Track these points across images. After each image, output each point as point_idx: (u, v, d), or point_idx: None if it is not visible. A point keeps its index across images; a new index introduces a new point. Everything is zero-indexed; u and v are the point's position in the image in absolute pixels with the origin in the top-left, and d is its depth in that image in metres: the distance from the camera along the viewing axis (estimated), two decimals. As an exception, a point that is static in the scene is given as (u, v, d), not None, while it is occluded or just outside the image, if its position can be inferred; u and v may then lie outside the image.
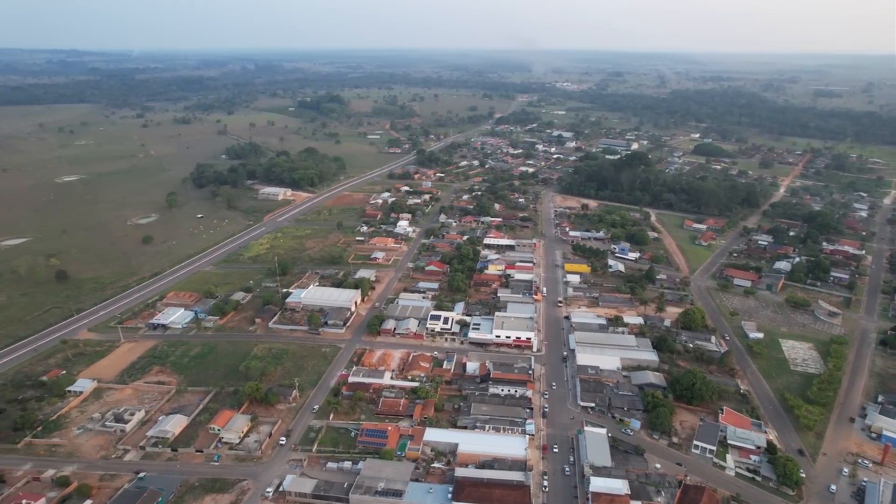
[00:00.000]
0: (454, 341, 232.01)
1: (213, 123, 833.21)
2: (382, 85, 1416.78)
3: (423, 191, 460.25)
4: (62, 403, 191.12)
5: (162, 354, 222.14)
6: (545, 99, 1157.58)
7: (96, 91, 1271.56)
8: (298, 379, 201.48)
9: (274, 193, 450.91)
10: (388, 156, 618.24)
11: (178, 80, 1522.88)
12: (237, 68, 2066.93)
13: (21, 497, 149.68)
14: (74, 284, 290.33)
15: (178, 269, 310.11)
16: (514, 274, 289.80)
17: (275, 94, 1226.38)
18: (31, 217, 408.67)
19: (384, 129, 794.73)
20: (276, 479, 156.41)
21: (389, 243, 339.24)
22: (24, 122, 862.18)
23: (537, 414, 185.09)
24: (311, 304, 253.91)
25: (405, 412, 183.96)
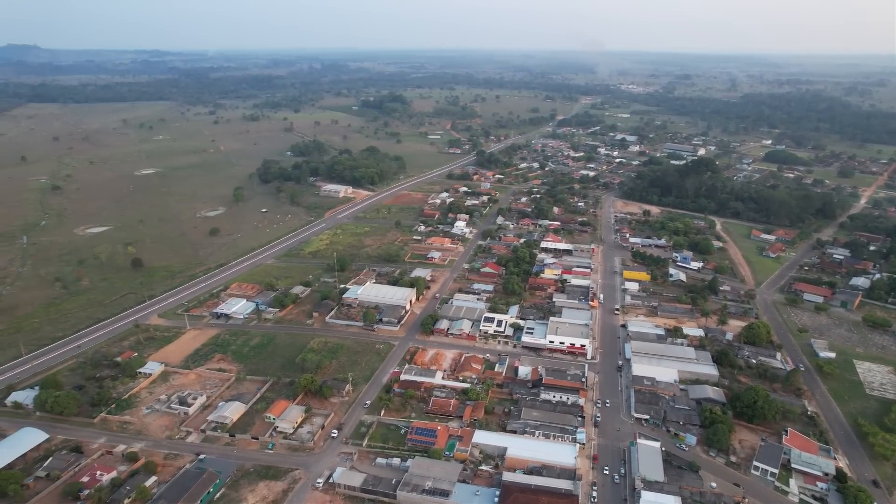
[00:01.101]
0: (507, 344, 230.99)
1: (280, 121, 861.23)
2: (445, 85, 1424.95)
3: (481, 192, 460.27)
4: (133, 384, 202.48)
5: (224, 343, 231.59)
6: (609, 101, 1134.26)
7: (174, 89, 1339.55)
8: (352, 374, 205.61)
9: (335, 191, 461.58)
10: (448, 156, 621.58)
11: (248, 79, 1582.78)
12: (305, 68, 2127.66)
13: (96, 468, 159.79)
14: (147, 272, 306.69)
15: (241, 262, 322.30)
16: (571, 279, 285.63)
17: (339, 93, 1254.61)
18: (113, 207, 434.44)
19: (445, 129, 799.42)
20: (326, 471, 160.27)
21: (446, 243, 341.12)
22: (111, 118, 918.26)
23: (589, 423, 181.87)
24: (367, 300, 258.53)
25: (455, 413, 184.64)
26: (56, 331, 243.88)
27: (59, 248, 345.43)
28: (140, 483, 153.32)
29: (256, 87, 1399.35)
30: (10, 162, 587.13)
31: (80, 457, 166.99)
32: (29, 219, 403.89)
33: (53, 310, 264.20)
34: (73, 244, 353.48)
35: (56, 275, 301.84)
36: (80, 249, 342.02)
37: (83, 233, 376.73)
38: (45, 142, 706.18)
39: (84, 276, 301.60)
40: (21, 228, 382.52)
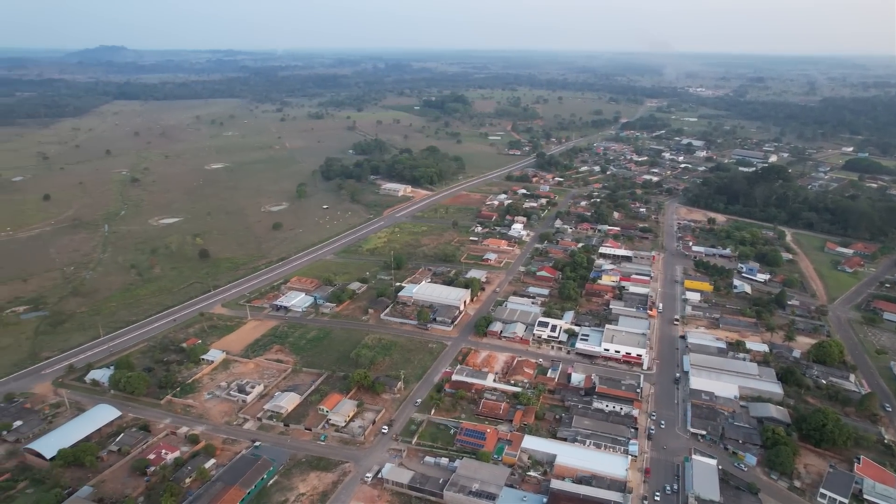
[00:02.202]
0: (560, 350, 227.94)
1: (344, 119, 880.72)
2: (507, 86, 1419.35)
3: (540, 194, 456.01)
4: (197, 369, 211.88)
5: (282, 335, 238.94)
6: (676, 105, 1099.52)
7: (244, 87, 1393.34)
8: (404, 371, 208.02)
9: (395, 189, 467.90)
10: (508, 157, 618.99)
11: (314, 78, 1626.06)
12: (369, 67, 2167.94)
13: (161, 447, 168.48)
14: (213, 263, 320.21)
15: (302, 256, 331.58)
16: (629, 286, 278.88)
17: (402, 92, 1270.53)
18: (184, 199, 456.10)
19: (506, 130, 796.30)
20: (375, 466, 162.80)
21: (502, 245, 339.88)
22: (185, 114, 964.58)
23: (642, 434, 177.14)
24: (421, 299, 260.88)
25: (505, 416, 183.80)
26: (130, 315, 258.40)
27: (135, 237, 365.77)
28: (200, 464, 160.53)
29: (322, 86, 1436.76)
30: (97, 155, 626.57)
31: (147, 435, 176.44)
32: (110, 209, 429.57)
33: (129, 295, 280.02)
34: (148, 234, 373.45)
35: (132, 262, 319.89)
36: (154, 239, 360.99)
37: (157, 223, 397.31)
38: (127, 136, 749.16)
39: (156, 264, 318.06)
40: (104, 217, 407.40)
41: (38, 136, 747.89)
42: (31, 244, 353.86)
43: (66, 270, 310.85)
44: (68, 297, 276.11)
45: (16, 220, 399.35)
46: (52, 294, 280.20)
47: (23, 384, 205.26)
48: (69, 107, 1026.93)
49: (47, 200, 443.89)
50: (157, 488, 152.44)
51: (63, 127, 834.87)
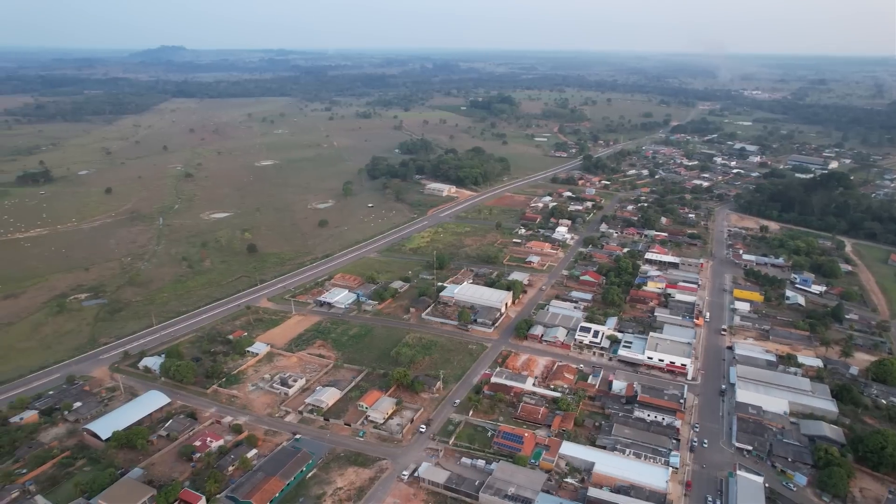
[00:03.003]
0: (602, 356, 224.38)
1: (391, 119, 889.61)
2: (554, 87, 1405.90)
3: (585, 197, 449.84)
4: (242, 361, 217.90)
5: (325, 330, 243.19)
6: (729, 108, 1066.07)
7: (295, 86, 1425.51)
8: (444, 371, 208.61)
9: (439, 189, 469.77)
10: (554, 159, 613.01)
11: (363, 77, 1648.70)
12: (417, 67, 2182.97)
13: (207, 435, 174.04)
14: (260, 257, 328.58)
15: (346, 253, 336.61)
16: (676, 294, 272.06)
17: (449, 92, 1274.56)
18: (234, 195, 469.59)
19: (552, 132, 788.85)
20: (412, 464, 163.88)
21: (546, 248, 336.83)
22: (238, 112, 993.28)
23: (684, 446, 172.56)
24: (463, 300, 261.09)
25: (544, 421, 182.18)
26: (181, 306, 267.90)
27: (187, 231, 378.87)
28: (243, 454, 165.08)
29: (370, 86, 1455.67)
30: (155, 151, 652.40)
31: (194, 422, 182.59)
32: (165, 202, 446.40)
33: (180, 286, 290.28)
34: (199, 227, 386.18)
35: (183, 255, 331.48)
36: (205, 233, 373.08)
37: (208, 217, 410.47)
38: (183, 133, 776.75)
39: (206, 257, 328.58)
40: (159, 211, 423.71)
41: (103, 133, 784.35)
42: (94, 235, 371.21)
43: (124, 261, 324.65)
44: (125, 287, 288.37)
45: (81, 211, 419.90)
46: (111, 283, 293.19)
47: (83, 367, 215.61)
48: (131, 104, 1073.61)
49: (109, 194, 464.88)
50: (201, 474, 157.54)
51: (125, 123, 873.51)
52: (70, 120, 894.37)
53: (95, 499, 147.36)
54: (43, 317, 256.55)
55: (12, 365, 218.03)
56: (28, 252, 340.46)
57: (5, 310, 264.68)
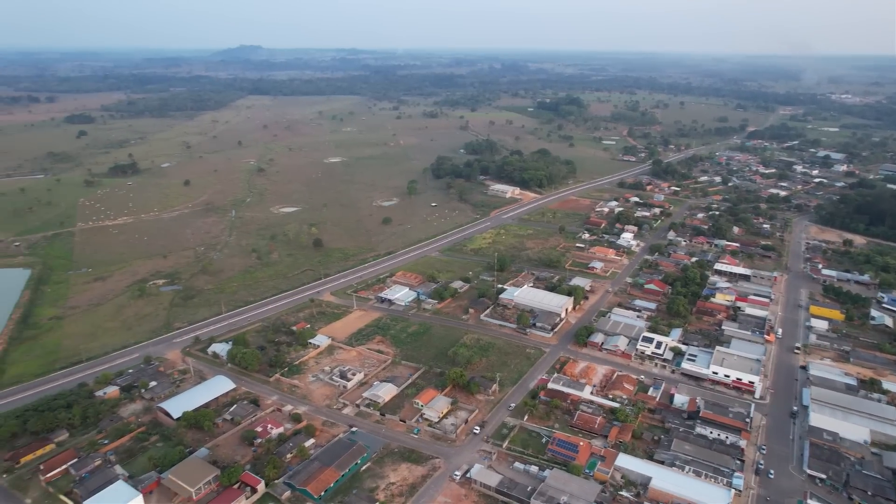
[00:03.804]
0: (664, 369, 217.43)
1: (457, 119, 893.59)
2: (625, 89, 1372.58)
3: (653, 203, 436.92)
4: (304, 352, 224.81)
5: (385, 326, 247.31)
6: (813, 113, 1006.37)
7: (364, 85, 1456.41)
8: (500, 374, 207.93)
9: (503, 191, 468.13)
10: (621, 163, 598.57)
11: (431, 77, 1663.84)
12: (485, 67, 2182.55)
13: (268, 421, 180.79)
14: (325, 252, 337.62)
15: (408, 251, 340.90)
16: (746, 307, 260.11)
17: (516, 93, 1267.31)
18: (303, 190, 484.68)
19: (621, 135, 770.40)
20: (464, 465, 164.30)
21: (610, 254, 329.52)
22: (309, 109, 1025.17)
23: (749, 468, 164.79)
24: (522, 303, 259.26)
25: (600, 431, 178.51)
26: (249, 295, 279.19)
27: (257, 223, 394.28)
28: (301, 443, 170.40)
29: (438, 85, 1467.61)
30: (230, 146, 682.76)
31: (256, 409, 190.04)
32: (238, 195, 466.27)
33: (248, 277, 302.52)
34: (268, 220, 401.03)
35: (253, 246, 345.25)
36: (274, 226, 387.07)
37: (277, 211, 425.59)
38: (257, 129, 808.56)
39: (274, 250, 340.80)
40: (232, 203, 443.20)
41: (184, 128, 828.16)
42: (172, 224, 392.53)
43: (198, 250, 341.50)
44: (198, 275, 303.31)
45: (162, 202, 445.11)
46: (186, 271, 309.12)
47: (158, 349, 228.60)
48: (210, 101, 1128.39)
49: (187, 186, 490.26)
50: (261, 459, 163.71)
51: (204, 119, 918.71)
52: (156, 115, 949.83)
53: (166, 473, 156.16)
54: (126, 300, 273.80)
55: (99, 342, 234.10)
56: (115, 238, 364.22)
57: (95, 291, 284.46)
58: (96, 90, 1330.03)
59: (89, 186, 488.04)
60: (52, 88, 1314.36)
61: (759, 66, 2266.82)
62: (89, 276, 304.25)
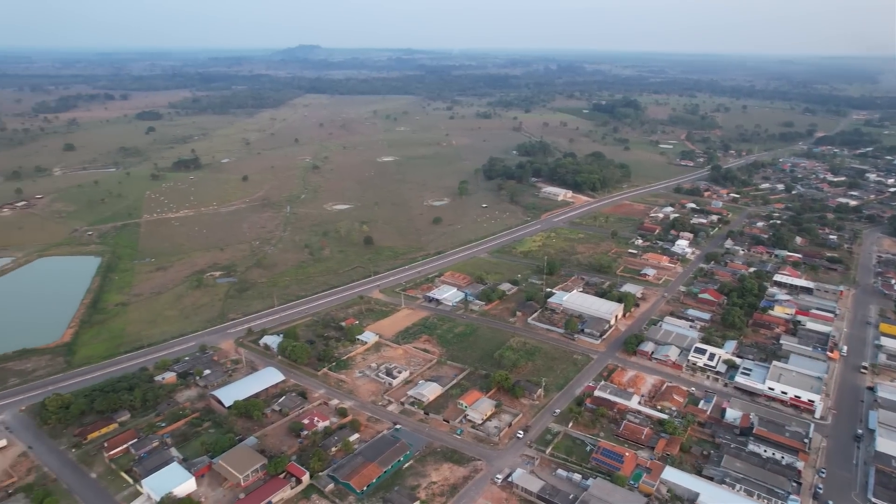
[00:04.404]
0: (716, 382, 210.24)
1: (510, 120, 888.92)
2: (685, 92, 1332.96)
3: (711, 210, 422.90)
4: (352, 348, 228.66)
5: (431, 326, 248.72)
6: (891, 117, 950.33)
7: (419, 85, 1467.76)
8: (546, 379, 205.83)
9: (555, 193, 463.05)
10: (678, 168, 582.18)
11: (485, 78, 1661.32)
12: (540, 68, 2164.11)
13: (314, 414, 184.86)
14: (376, 250, 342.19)
15: (457, 252, 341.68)
16: (807, 322, 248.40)
17: (572, 95, 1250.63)
18: (356, 188, 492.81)
19: (679, 139, 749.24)
20: (506, 469, 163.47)
21: (663, 261, 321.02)
22: (364, 109, 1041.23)
23: (806, 491, 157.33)
24: (571, 308, 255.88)
25: (647, 442, 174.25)
26: (300, 290, 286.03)
27: (310, 220, 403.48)
28: (346, 437, 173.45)
29: (492, 86, 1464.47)
30: (287, 143, 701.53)
31: (304, 401, 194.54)
32: (293, 192, 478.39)
33: (301, 272, 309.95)
34: (321, 217, 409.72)
35: (306, 242, 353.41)
36: (326, 223, 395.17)
37: (330, 208, 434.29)
38: (313, 127, 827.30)
39: (326, 246, 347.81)
40: (287, 199, 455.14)
41: (244, 125, 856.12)
42: (230, 218, 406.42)
43: (253, 244, 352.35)
44: (253, 268, 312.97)
45: (221, 196, 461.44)
46: (241, 264, 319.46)
47: (213, 339, 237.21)
48: (270, 99, 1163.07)
49: (245, 181, 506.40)
50: (307, 451, 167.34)
51: (263, 117, 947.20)
52: (218, 112, 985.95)
53: (217, 459, 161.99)
54: (184, 289, 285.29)
55: (159, 329, 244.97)
56: (177, 230, 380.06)
57: (157, 280, 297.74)
58: (165, 88, 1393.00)
59: (155, 180, 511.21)
60: (126, 87, 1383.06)
61: (831, 68, 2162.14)
62: (152, 265, 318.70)
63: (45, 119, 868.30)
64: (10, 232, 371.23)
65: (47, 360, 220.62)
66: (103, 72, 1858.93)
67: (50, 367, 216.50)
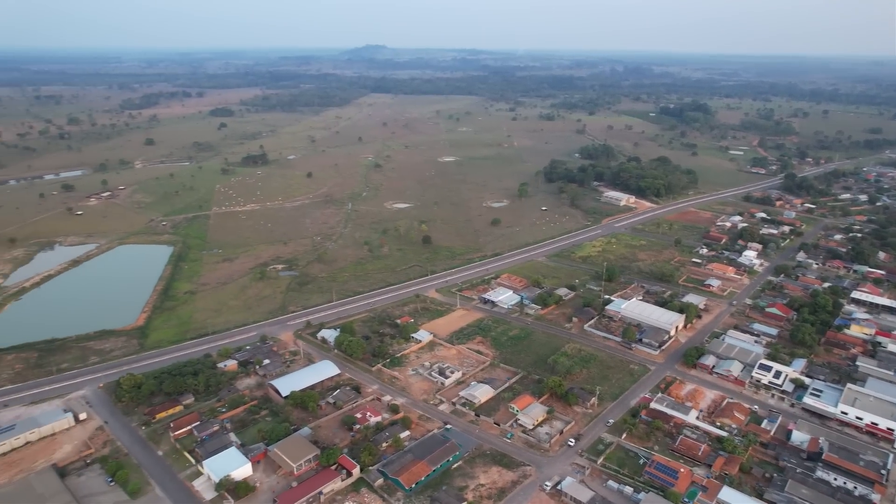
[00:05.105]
0: (782, 401, 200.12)
1: (574, 122, 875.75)
2: (759, 96, 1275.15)
3: (783, 221, 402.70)
4: (406, 346, 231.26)
5: (486, 328, 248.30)
6: None
7: (482, 85, 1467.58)
8: (600, 388, 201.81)
9: (617, 198, 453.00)
10: (749, 175, 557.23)
11: (549, 79, 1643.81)
12: (606, 70, 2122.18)
13: (367, 409, 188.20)
14: (433, 249, 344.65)
15: (515, 254, 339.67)
16: (889, 344, 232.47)
17: (638, 97, 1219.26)
18: (416, 187, 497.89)
19: (751, 145, 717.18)
20: (556, 476, 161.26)
21: (729, 272, 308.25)
22: (427, 108, 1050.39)
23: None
24: (629, 316, 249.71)
25: (704, 459, 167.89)
26: (358, 286, 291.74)
27: (370, 217, 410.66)
28: (396, 433, 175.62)
29: (556, 87, 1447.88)
30: (351, 141, 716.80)
31: (357, 396, 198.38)
32: (355, 189, 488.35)
33: (359, 268, 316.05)
34: (381, 215, 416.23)
35: (365, 239, 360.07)
36: (386, 221, 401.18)
37: (390, 207, 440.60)
38: (377, 126, 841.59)
39: (385, 244, 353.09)
40: (349, 197, 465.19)
41: (310, 122, 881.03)
42: (294, 213, 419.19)
43: (315, 239, 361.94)
44: (313, 263, 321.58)
45: (286, 192, 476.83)
46: (303, 258, 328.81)
47: (273, 330, 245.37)
48: (336, 98, 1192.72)
49: (309, 177, 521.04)
50: (359, 444, 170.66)
51: (329, 115, 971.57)
52: (286, 110, 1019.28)
53: (272, 446, 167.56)
54: (248, 281, 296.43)
55: (223, 319, 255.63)
56: (243, 223, 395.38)
57: (223, 271, 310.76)
58: (237, 86, 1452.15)
59: (225, 174, 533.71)
60: (202, 84, 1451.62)
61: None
62: (219, 256, 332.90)
63: (129, 115, 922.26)
64: (96, 220, 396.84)
65: (123, 342, 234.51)
66: (182, 70, 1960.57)
67: (125, 348, 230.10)
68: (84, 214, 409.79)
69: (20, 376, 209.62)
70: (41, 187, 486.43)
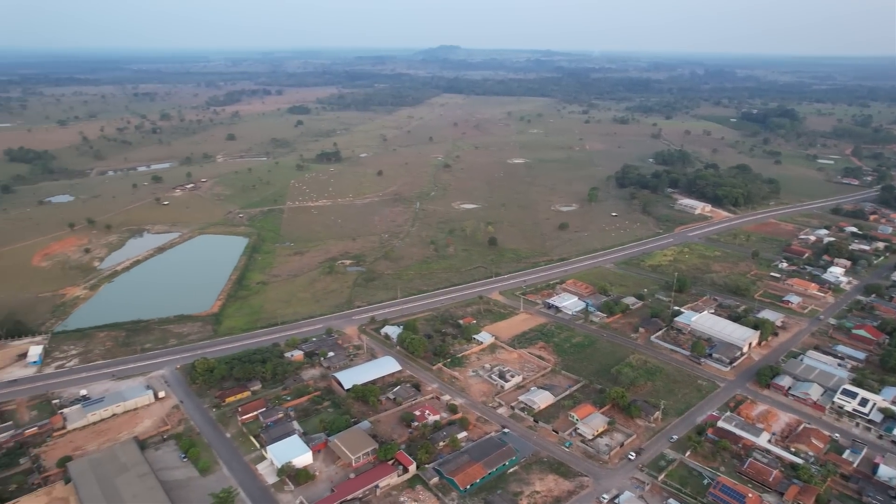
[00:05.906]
0: (868, 431, 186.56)
1: (649, 126, 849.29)
2: (855, 100, 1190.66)
3: (876, 236, 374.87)
4: (467, 346, 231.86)
5: (549, 333, 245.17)
6: None
7: (555, 87, 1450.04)
8: (665, 402, 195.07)
9: (692, 206, 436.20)
10: (839, 186, 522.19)
11: (625, 81, 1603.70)
12: (685, 73, 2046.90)
13: (426, 407, 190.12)
14: (499, 251, 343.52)
15: (582, 260, 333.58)
16: None
17: (719, 102, 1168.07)
18: (484, 188, 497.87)
19: (843, 154, 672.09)
20: (614, 490, 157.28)
21: (811, 289, 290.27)
22: (498, 109, 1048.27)
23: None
24: (699, 330, 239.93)
25: (775, 486, 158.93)
26: (423, 284, 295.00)
27: (438, 217, 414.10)
28: (454, 433, 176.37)
29: (632, 90, 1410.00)
30: (421, 141, 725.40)
31: (417, 393, 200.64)
32: (423, 189, 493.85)
33: (425, 267, 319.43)
34: (448, 215, 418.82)
35: (432, 239, 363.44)
36: (452, 221, 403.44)
37: (457, 207, 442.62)
38: (447, 126, 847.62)
39: (451, 244, 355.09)
40: (417, 196, 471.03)
41: (383, 121, 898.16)
42: (363, 210, 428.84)
43: (383, 237, 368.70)
44: (380, 260, 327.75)
45: (356, 189, 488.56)
46: (370, 254, 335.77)
47: (339, 323, 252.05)
48: (408, 97, 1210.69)
49: (380, 176, 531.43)
50: (416, 442, 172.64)
51: (401, 114, 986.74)
52: (360, 109, 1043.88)
53: (333, 437, 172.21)
54: (317, 274, 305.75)
55: (292, 310, 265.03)
56: (314, 218, 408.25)
57: (294, 264, 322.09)
58: (314, 84, 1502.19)
59: (299, 170, 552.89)
60: (282, 83, 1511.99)
61: None
62: (291, 249, 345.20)
63: (214, 111, 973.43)
64: (180, 210, 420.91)
65: (199, 327, 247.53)
66: (264, 69, 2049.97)
67: (201, 332, 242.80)
68: (170, 204, 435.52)
69: (110, 353, 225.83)
70: (134, 178, 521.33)
